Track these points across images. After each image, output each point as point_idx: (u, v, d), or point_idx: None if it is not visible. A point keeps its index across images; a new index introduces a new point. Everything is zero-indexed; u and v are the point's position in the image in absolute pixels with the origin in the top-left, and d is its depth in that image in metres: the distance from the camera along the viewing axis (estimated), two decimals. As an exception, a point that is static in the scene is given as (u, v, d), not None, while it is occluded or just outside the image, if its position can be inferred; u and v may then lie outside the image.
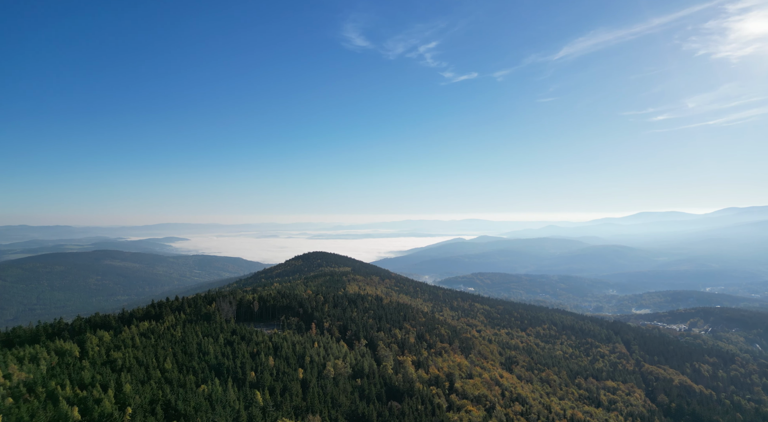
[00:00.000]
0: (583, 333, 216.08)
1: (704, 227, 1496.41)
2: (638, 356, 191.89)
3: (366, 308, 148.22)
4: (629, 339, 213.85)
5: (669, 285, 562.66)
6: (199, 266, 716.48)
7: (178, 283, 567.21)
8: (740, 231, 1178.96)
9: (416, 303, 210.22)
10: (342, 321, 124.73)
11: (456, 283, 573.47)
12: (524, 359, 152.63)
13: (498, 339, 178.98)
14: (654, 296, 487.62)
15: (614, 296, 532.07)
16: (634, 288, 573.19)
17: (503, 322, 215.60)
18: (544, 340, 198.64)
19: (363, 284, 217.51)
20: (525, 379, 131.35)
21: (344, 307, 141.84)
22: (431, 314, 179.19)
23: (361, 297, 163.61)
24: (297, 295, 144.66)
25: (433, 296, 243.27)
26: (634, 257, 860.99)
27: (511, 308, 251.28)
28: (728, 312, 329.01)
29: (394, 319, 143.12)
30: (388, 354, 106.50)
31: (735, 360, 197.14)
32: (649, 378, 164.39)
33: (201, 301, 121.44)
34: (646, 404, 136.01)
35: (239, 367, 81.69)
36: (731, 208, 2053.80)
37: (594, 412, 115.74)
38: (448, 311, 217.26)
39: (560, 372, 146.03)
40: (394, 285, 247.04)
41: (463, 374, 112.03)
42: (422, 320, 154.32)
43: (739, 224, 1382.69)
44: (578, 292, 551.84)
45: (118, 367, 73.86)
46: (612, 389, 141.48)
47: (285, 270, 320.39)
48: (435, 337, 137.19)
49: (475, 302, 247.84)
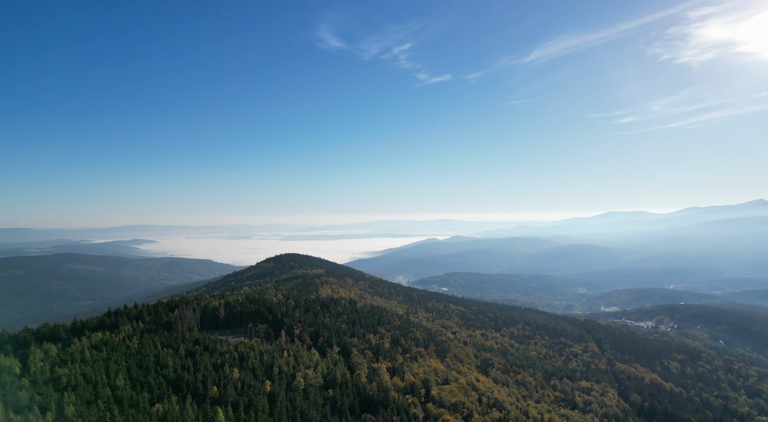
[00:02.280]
0: (556, 332, 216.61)
1: (667, 226, 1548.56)
2: (610, 354, 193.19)
3: (339, 313, 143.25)
4: (601, 338, 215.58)
5: (636, 283, 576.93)
6: (167, 269, 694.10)
7: (146, 287, 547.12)
8: (701, 230, 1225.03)
9: (391, 305, 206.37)
10: (314, 327, 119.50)
11: (430, 283, 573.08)
12: (500, 361, 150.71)
13: (473, 341, 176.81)
14: (622, 294, 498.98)
15: (584, 295, 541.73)
16: (602, 286, 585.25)
17: (478, 323, 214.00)
18: (519, 341, 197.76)
19: (336, 286, 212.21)
20: (501, 382, 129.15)
21: (316, 312, 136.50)
22: (406, 317, 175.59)
23: (334, 301, 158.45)
24: (266, 300, 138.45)
25: (408, 298, 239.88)
26: (603, 256, 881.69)
27: (485, 308, 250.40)
28: (693, 309, 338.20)
29: (369, 323, 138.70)
30: (362, 361, 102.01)
31: (701, 356, 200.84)
32: (621, 377, 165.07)
33: (162, 308, 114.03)
34: (620, 404, 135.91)
35: (200, 381, 75.64)
36: (692, 208, 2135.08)
37: (570, 415, 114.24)
38: (423, 312, 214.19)
39: (536, 374, 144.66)
40: (369, 287, 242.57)
41: (439, 379, 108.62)
42: (397, 323, 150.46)
43: (700, 223, 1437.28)
44: (549, 291, 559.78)
45: (63, 385, 66.87)
46: (586, 389, 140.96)
47: (256, 273, 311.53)
48: (410, 341, 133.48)
49: (449, 303, 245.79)
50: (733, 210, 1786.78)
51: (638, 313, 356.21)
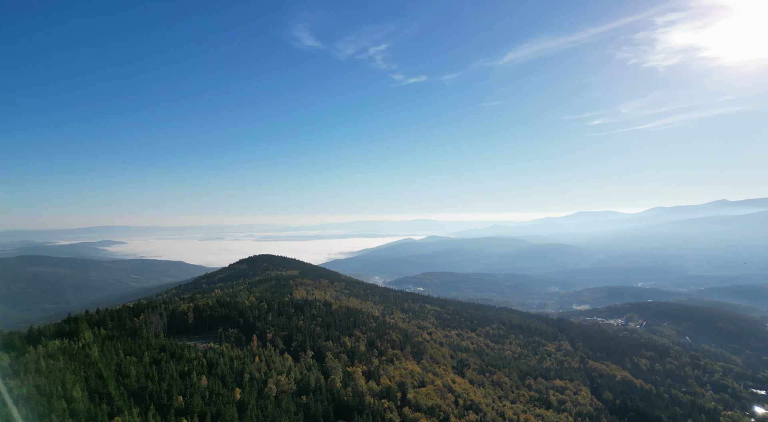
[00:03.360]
0: (530, 331, 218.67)
1: (635, 225, 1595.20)
2: (582, 353, 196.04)
3: (314, 316, 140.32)
4: (573, 336, 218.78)
5: (606, 281, 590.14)
6: (137, 271, 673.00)
7: (114, 290, 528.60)
8: (667, 229, 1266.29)
9: (367, 307, 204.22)
10: (287, 331, 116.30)
11: (406, 283, 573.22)
12: (476, 361, 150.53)
13: (449, 341, 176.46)
14: (592, 293, 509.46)
15: (556, 293, 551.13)
16: (574, 285, 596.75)
17: (454, 323, 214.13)
18: (494, 340, 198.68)
19: (311, 288, 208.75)
20: (477, 383, 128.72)
21: (290, 315, 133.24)
22: (382, 319, 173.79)
23: (309, 303, 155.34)
24: (238, 303, 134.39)
25: (384, 299, 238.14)
26: (574, 255, 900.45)
27: (461, 308, 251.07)
28: (660, 307, 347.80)
29: (344, 326, 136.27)
30: (337, 365, 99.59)
31: (670, 353, 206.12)
32: (594, 375, 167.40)
33: (126, 313, 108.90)
34: (593, 402, 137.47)
35: (165, 391, 71.81)
36: (659, 208, 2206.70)
37: (545, 415, 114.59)
38: (399, 313, 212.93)
39: (511, 374, 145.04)
40: (344, 288, 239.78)
41: (415, 382, 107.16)
42: (373, 325, 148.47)
43: (666, 222, 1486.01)
44: (523, 290, 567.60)
45: (14, 399, 62.21)
46: (560, 388, 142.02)
47: (229, 275, 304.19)
48: (386, 343, 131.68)
49: (425, 303, 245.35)
50: (697, 210, 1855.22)
51: (609, 311, 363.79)
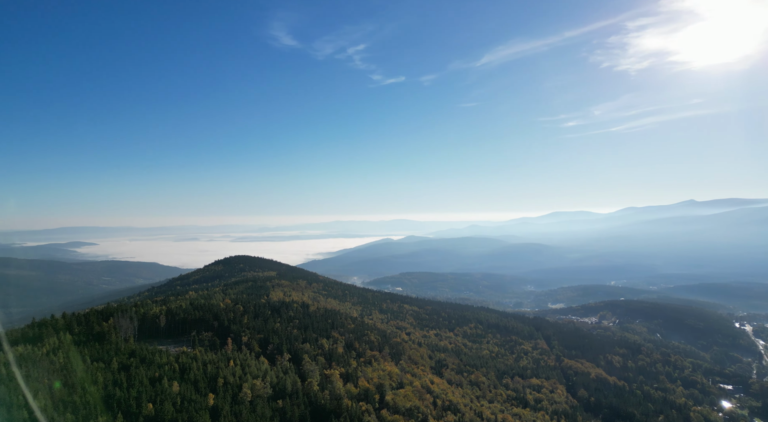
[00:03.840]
0: (507, 330, 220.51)
1: (608, 225, 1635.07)
2: (558, 351, 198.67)
3: (291, 317, 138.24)
4: (549, 335, 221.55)
5: (580, 280, 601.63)
6: (108, 272, 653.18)
7: (84, 292, 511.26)
8: (638, 229, 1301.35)
9: (345, 308, 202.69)
10: (263, 334, 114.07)
11: (384, 283, 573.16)
12: (454, 361, 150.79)
13: (427, 341, 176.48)
14: (567, 291, 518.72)
15: (532, 292, 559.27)
16: (549, 284, 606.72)
17: (432, 323, 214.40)
18: (472, 340, 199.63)
19: (288, 289, 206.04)
20: (455, 383, 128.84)
21: (266, 317, 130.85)
22: (360, 320, 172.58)
23: (286, 305, 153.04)
24: (213, 306, 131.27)
25: (362, 299, 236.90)
26: (549, 255, 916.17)
27: (439, 308, 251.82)
28: (632, 304, 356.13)
29: (322, 328, 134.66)
30: (314, 368, 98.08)
31: (641, 350, 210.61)
32: (569, 373, 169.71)
33: (94, 317, 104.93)
34: (569, 400, 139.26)
35: (134, 398, 69.18)
36: (630, 208, 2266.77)
37: (522, 414, 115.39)
38: (378, 314, 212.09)
39: (488, 373, 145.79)
40: (322, 289, 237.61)
41: (393, 383, 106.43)
42: (351, 327, 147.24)
43: (637, 222, 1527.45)
44: (500, 289, 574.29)
45: (-30, 411, 58.95)
46: (537, 387, 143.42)
47: (204, 276, 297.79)
48: (365, 345, 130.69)
49: (404, 303, 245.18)
50: (667, 210, 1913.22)
51: (583, 309, 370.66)
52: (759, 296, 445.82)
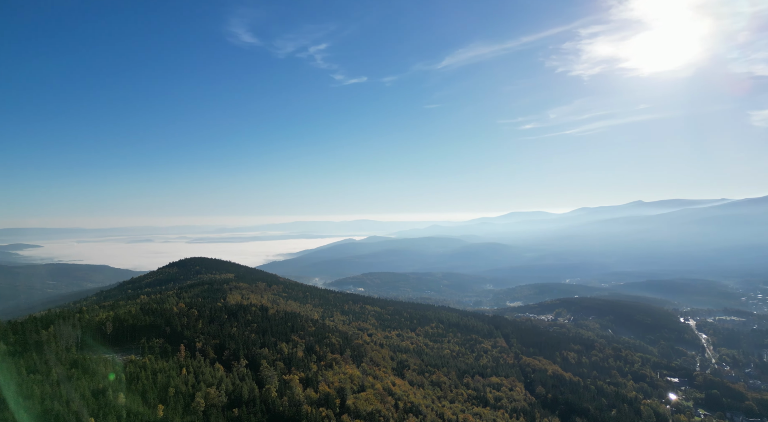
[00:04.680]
0: (467, 329, 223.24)
1: (563, 225, 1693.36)
2: (517, 349, 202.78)
3: (248, 321, 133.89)
4: (508, 333, 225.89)
5: (537, 278, 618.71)
6: (54, 276, 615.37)
7: (25, 298, 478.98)
8: (591, 229, 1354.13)
9: (306, 310, 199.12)
10: (219, 339, 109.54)
11: (346, 284, 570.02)
12: (415, 362, 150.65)
13: (389, 342, 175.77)
14: (525, 290, 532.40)
15: (491, 291, 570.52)
16: (508, 282, 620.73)
17: (394, 323, 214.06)
18: (433, 339, 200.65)
19: (247, 292, 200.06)
20: (417, 384, 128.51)
21: (222, 322, 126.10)
22: (321, 322, 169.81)
23: (244, 308, 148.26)
24: (165, 310, 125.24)
25: (323, 301, 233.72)
26: (508, 254, 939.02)
27: (401, 308, 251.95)
28: (586, 302, 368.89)
29: (281, 331, 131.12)
30: (273, 373, 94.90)
31: (595, 345, 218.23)
32: (527, 370, 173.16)
33: (33, 325, 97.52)
34: (527, 397, 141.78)
35: (74, 412, 64.26)
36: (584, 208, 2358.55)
37: (483, 413, 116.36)
38: (340, 315, 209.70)
39: (449, 373, 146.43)
40: (282, 291, 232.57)
41: (355, 387, 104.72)
42: (312, 329, 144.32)
43: (590, 222, 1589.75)
44: (460, 288, 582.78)
45: None
46: (497, 385, 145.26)
47: (157, 279, 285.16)
48: (325, 348, 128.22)
49: (366, 304, 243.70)
50: (617, 210, 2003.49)
51: (540, 307, 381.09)
52: (701, 291, 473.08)
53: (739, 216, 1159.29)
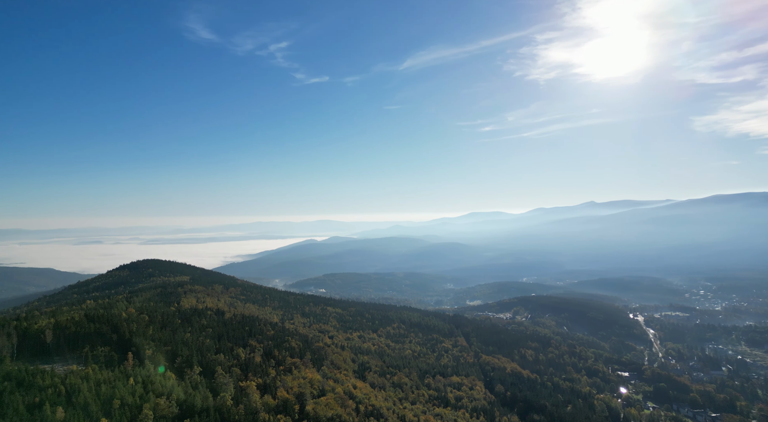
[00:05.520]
0: (429, 329, 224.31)
1: (520, 225, 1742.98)
2: (476, 347, 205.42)
3: (204, 326, 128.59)
4: (468, 332, 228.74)
5: (496, 277, 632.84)
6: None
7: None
8: (547, 228, 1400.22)
9: (265, 313, 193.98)
10: (171, 346, 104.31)
11: (308, 285, 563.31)
12: (377, 363, 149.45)
13: (351, 344, 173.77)
14: (484, 288, 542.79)
15: (452, 290, 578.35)
16: (467, 281, 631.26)
17: (355, 325, 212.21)
18: (395, 340, 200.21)
19: (203, 295, 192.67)
20: (378, 386, 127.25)
21: (175, 327, 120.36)
22: (281, 325, 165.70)
23: (198, 312, 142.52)
24: (113, 316, 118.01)
25: (283, 303, 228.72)
26: (467, 253, 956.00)
27: (362, 309, 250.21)
28: (542, 300, 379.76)
29: (238, 336, 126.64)
30: (228, 380, 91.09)
31: (551, 343, 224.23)
32: (487, 369, 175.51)
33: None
34: (487, 396, 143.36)
35: (5, 432, 59.03)
36: (540, 208, 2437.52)
37: (444, 413, 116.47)
38: (300, 318, 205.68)
39: (411, 374, 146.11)
40: (240, 294, 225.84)
41: (315, 391, 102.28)
42: (270, 333, 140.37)
43: (546, 222, 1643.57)
44: (421, 288, 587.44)
45: None
46: (457, 385, 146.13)
47: (106, 283, 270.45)
48: (285, 352, 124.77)
49: (327, 306, 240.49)
50: (570, 211, 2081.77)
51: (498, 305, 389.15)
52: (648, 288, 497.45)
53: (682, 216, 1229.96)
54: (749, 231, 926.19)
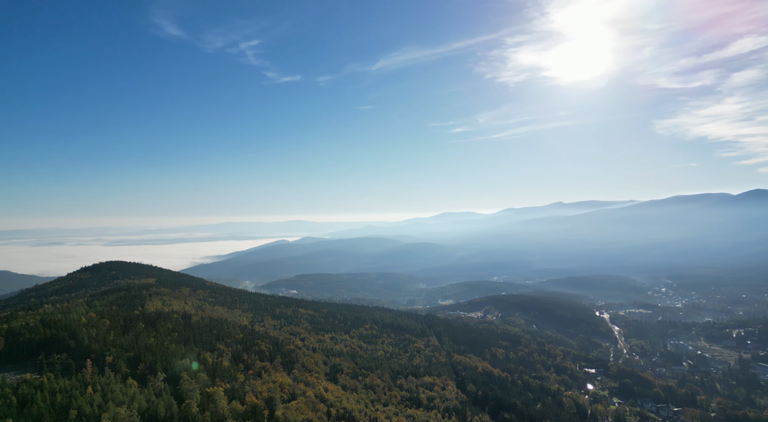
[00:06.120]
0: (401, 329, 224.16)
1: (491, 225, 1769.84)
2: (448, 347, 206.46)
3: (169, 330, 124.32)
4: (440, 331, 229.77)
5: (467, 277, 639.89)
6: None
7: None
8: (516, 228, 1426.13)
9: (234, 315, 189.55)
10: (133, 351, 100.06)
11: (279, 286, 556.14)
12: (349, 365, 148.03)
13: (322, 346, 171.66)
14: (455, 288, 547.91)
15: (424, 290, 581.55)
16: (439, 281, 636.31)
17: (327, 326, 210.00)
18: (367, 341, 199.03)
19: (169, 298, 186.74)
20: (350, 388, 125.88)
21: (139, 332, 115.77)
22: (251, 328, 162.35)
23: (164, 316, 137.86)
24: (71, 321, 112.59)
25: (254, 305, 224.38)
26: (439, 253, 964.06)
27: (335, 310, 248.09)
28: (512, 298, 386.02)
29: (205, 340, 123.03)
30: (194, 386, 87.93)
31: (521, 341, 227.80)
32: (459, 368, 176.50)
33: None
34: (459, 396, 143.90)
35: (-53, 449, 55.02)
36: (510, 208, 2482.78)
37: (416, 415, 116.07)
38: (271, 320, 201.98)
39: (383, 375, 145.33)
40: (209, 296, 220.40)
41: (285, 395, 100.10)
42: (239, 336, 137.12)
43: (516, 222, 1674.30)
44: (394, 288, 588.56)
45: None
46: (429, 385, 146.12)
47: (66, 286, 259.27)
48: (254, 355, 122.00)
49: (299, 307, 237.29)
50: (539, 211, 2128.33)
51: (470, 304, 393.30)
52: (613, 286, 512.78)
53: (645, 216, 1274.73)
54: (707, 231, 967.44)
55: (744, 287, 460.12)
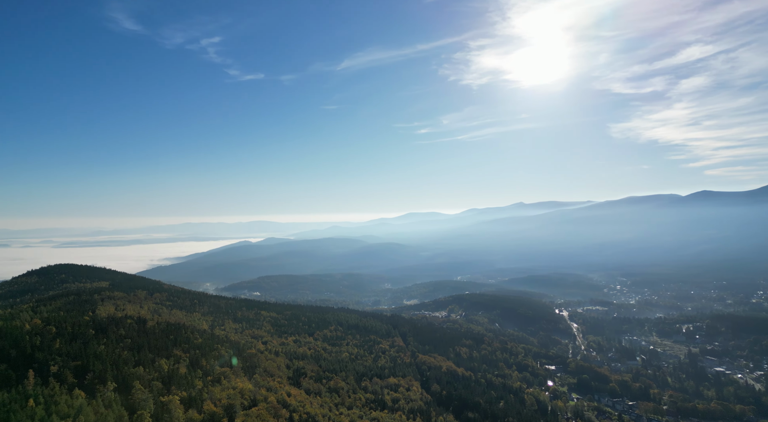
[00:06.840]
0: (366, 330, 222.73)
1: (455, 225, 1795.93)
2: (413, 347, 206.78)
3: (121, 337, 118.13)
4: (405, 331, 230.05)
5: (432, 277, 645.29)
6: None
7: None
8: (480, 228, 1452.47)
9: (193, 319, 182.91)
10: (81, 360, 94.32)
11: (241, 289, 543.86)
12: (313, 368, 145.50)
13: (285, 349, 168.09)
14: (420, 288, 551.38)
15: (389, 290, 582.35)
16: (405, 281, 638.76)
17: (291, 329, 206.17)
18: (332, 343, 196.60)
19: (123, 302, 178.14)
20: (314, 392, 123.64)
21: (88, 339, 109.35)
22: (210, 332, 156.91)
23: (116, 322, 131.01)
24: (13, 328, 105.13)
25: (214, 308, 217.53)
26: (404, 253, 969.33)
27: (299, 312, 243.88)
28: (475, 298, 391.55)
29: (161, 346, 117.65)
30: (147, 396, 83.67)
31: (484, 339, 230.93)
32: (423, 368, 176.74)
33: None
34: (423, 396, 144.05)
35: None
36: (473, 209, 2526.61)
37: (381, 417, 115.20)
38: (232, 323, 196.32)
39: (348, 377, 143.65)
40: (167, 299, 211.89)
41: (246, 402, 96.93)
42: (198, 341, 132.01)
43: (479, 222, 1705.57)
44: (359, 288, 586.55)
45: None
46: (394, 386, 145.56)
47: (10, 291, 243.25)
48: (213, 361, 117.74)
49: (261, 310, 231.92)
50: (501, 211, 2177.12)
51: (434, 304, 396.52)
52: (572, 285, 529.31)
53: (600, 216, 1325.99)
54: (658, 230, 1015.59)
55: (692, 284, 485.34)
